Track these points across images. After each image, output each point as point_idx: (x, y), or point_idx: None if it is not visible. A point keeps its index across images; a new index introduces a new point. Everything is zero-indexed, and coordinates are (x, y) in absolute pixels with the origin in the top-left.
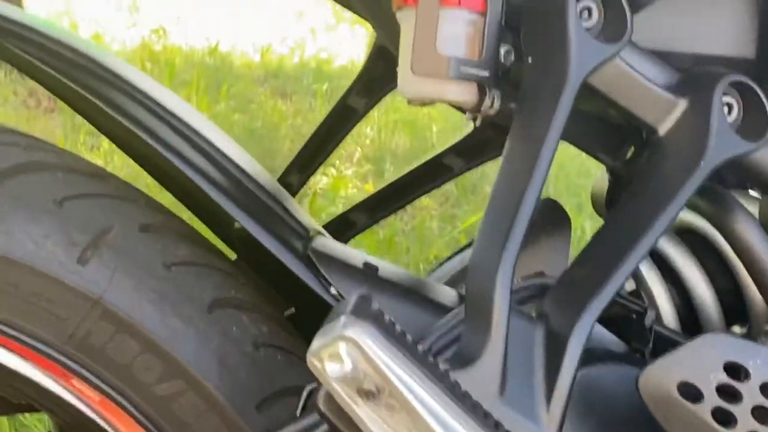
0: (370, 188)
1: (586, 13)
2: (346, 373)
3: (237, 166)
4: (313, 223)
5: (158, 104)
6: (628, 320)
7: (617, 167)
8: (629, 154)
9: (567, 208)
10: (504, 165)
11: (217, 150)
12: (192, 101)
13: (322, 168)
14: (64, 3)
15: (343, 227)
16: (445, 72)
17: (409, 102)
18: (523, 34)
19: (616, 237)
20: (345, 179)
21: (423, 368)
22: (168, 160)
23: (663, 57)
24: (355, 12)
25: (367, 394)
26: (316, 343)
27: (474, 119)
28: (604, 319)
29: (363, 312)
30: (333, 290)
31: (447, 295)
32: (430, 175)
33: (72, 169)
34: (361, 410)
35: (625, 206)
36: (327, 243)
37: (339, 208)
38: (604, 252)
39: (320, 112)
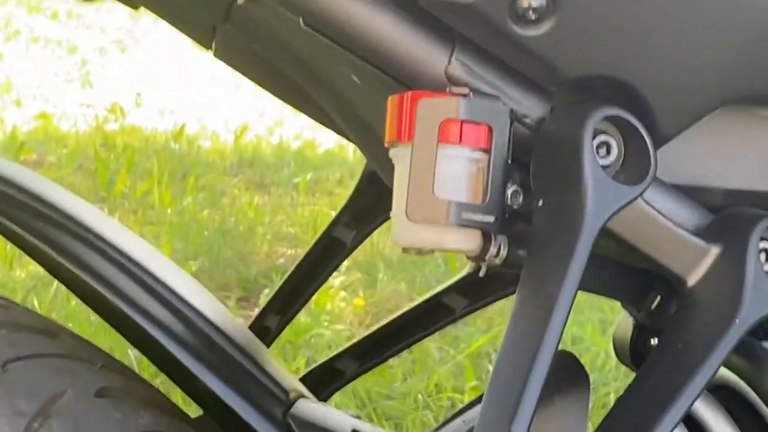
0: (361, 302)
1: (603, 149)
2: None
3: (203, 317)
4: (293, 380)
5: (113, 247)
6: None
7: (642, 318)
8: (655, 304)
9: (588, 326)
10: (513, 322)
11: (180, 299)
12: (153, 195)
13: None
14: (5, 74)
15: (329, 377)
16: (444, 218)
17: (404, 251)
18: (532, 172)
19: (643, 405)
20: (332, 292)
21: None
22: (125, 313)
23: (690, 193)
24: (344, 137)
25: None
26: None
27: (478, 269)
28: None
29: None
30: None
31: None
32: (429, 316)
33: (18, 326)
34: None
35: (652, 369)
36: (309, 408)
37: (324, 329)
38: (630, 423)
39: (304, 208)
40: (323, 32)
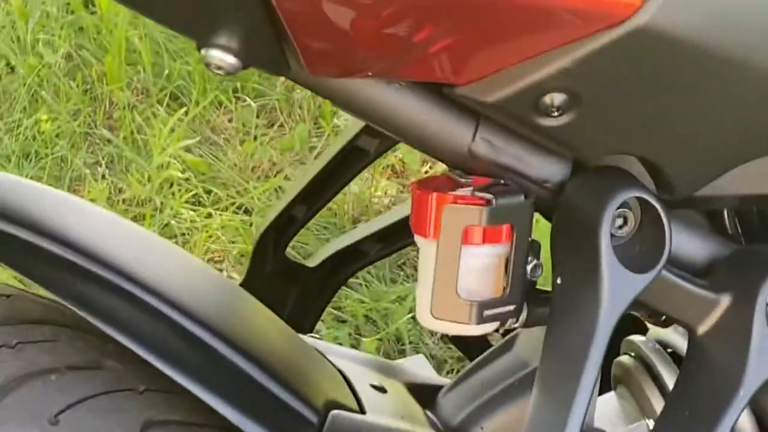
0: None
1: (620, 220)
2: None
3: (198, 320)
4: (323, 383)
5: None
6: None
7: None
8: None
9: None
10: (535, 404)
11: (166, 300)
12: None
13: None
14: None
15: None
16: (467, 319)
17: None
18: (551, 243)
19: None
20: None
21: None
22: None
23: (705, 202)
24: None
25: None
26: None
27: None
28: None
29: None
30: None
31: None
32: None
33: (66, 367)
34: None
35: (668, 420)
36: (344, 423)
37: None
38: None
39: None
40: (353, 112)
